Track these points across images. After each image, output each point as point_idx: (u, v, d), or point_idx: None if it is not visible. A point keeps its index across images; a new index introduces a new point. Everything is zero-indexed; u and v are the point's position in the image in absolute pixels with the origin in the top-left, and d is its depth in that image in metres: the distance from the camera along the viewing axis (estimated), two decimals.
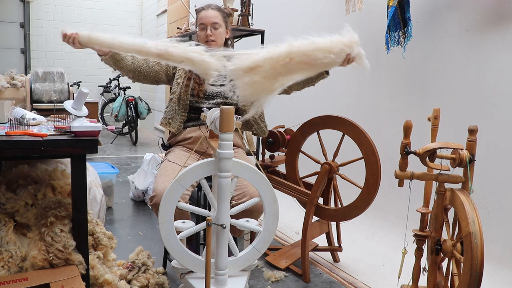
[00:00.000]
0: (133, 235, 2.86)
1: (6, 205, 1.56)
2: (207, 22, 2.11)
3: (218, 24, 2.12)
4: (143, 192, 3.55)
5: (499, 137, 2.08)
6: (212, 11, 2.12)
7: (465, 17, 2.23)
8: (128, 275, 2.00)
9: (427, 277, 1.68)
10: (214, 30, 2.11)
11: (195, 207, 1.58)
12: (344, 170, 2.28)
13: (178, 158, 2.01)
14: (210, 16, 2.11)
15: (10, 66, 5.67)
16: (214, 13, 2.12)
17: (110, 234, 1.89)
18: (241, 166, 1.51)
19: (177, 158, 2.01)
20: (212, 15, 2.11)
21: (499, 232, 2.07)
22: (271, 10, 3.91)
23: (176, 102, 2.10)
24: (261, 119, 2.24)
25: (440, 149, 1.54)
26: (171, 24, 6.58)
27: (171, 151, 2.13)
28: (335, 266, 2.46)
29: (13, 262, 1.45)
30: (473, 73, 2.21)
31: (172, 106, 2.12)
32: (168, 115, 2.13)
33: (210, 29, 2.11)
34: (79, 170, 1.51)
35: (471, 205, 1.45)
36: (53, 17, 7.98)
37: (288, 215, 3.06)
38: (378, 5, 2.62)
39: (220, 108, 1.45)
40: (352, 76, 3.06)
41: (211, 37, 2.11)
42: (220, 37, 2.14)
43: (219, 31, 2.13)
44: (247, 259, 1.62)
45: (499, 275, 2.03)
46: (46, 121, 1.81)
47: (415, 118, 1.84)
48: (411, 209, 1.77)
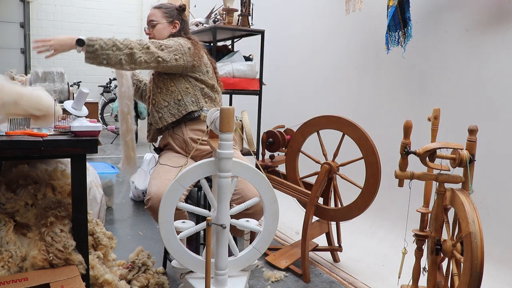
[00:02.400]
0: (133, 235, 2.86)
1: (6, 205, 1.56)
2: (147, 20, 2.20)
3: (154, 21, 2.16)
4: (143, 192, 3.55)
5: (499, 137, 2.08)
6: (152, 11, 2.20)
7: (465, 17, 2.23)
8: (128, 275, 2.00)
9: (427, 277, 1.68)
10: (151, 28, 2.17)
11: (195, 207, 1.58)
12: (344, 170, 2.28)
13: (170, 160, 2.05)
14: (149, 15, 2.20)
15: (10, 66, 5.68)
16: (152, 11, 2.19)
17: (110, 234, 1.88)
18: (241, 166, 1.51)
19: (168, 161, 2.04)
20: (150, 13, 2.20)
21: (499, 232, 2.07)
22: (271, 10, 3.91)
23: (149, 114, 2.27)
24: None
25: (440, 149, 1.54)
26: None
27: (162, 154, 2.19)
28: (335, 266, 2.46)
29: (13, 262, 1.45)
30: (473, 73, 2.21)
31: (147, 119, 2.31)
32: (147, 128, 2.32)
33: (148, 27, 2.19)
34: (79, 170, 1.51)
35: (471, 205, 1.45)
36: (53, 17, 7.97)
37: (288, 215, 3.06)
38: (378, 5, 2.62)
39: (220, 108, 1.45)
40: (352, 76, 3.06)
41: (150, 35, 2.18)
42: (159, 33, 2.16)
43: (157, 27, 2.16)
44: (247, 259, 1.62)
45: (499, 275, 2.03)
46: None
47: (415, 118, 1.84)
48: (411, 209, 1.77)
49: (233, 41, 3.46)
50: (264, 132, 2.52)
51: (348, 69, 3.09)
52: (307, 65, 3.51)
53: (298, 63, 3.63)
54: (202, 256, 1.58)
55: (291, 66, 3.71)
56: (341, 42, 3.13)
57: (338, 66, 3.18)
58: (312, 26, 3.44)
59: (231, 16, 3.00)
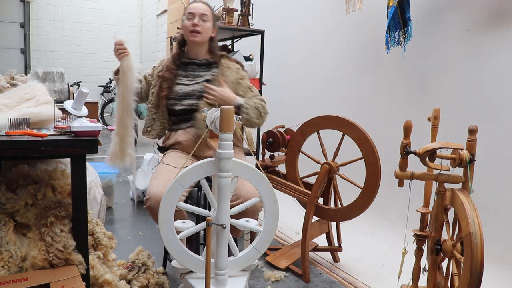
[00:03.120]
0: (133, 235, 2.86)
1: (6, 205, 1.56)
2: (196, 12, 2.06)
3: (207, 17, 2.07)
4: (143, 192, 3.55)
5: (499, 137, 2.08)
6: (202, 5, 2.11)
7: (465, 17, 2.23)
8: (128, 275, 2.00)
9: (427, 277, 1.68)
10: (202, 21, 2.06)
11: (195, 207, 1.58)
12: (344, 170, 2.28)
13: (174, 160, 2.03)
14: (200, 8, 2.08)
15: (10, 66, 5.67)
16: (204, 6, 2.10)
17: (110, 234, 1.88)
18: (241, 166, 1.51)
19: (173, 161, 2.02)
20: (202, 6, 2.09)
21: (499, 232, 2.07)
22: (271, 10, 3.91)
23: (152, 110, 2.16)
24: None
25: (440, 149, 1.54)
26: (171, 24, 6.58)
27: (167, 154, 2.16)
28: (335, 266, 2.46)
29: (13, 262, 1.45)
30: (473, 73, 2.21)
31: (149, 115, 2.18)
32: (146, 124, 2.19)
33: (199, 20, 2.05)
34: (79, 170, 1.51)
35: (471, 205, 1.45)
36: (53, 17, 7.98)
37: (288, 215, 3.06)
38: (378, 5, 2.62)
39: (220, 108, 1.45)
40: (352, 76, 3.06)
41: (197, 28, 2.04)
42: (206, 31, 2.08)
43: (207, 24, 2.07)
44: (247, 259, 1.62)
45: (499, 275, 2.03)
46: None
47: (415, 118, 1.84)
48: (411, 209, 1.77)
49: (233, 41, 3.46)
50: (264, 132, 2.52)
51: (348, 69, 3.09)
52: (307, 65, 3.51)
53: (298, 63, 3.63)
54: (202, 256, 1.58)
55: (291, 66, 3.71)
56: (341, 42, 3.13)
57: (338, 66, 3.17)
58: (312, 26, 3.44)
59: (231, 16, 3.00)
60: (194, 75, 2.13)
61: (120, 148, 1.94)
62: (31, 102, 1.62)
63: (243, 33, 3.17)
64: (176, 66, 2.14)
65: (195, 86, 2.10)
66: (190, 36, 2.07)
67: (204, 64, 2.15)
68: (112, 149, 1.98)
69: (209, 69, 2.15)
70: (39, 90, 1.70)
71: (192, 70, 2.15)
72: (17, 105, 1.60)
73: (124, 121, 1.95)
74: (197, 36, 2.07)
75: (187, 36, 2.10)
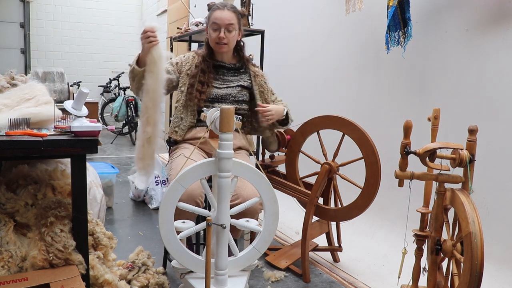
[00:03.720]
0: (133, 235, 2.86)
1: (6, 205, 1.56)
2: (221, 23, 2.00)
3: (232, 26, 2.02)
4: (143, 192, 3.55)
5: (499, 137, 2.08)
6: (228, 12, 2.02)
7: (465, 17, 2.23)
8: (128, 275, 2.00)
9: (427, 277, 1.68)
10: (227, 32, 2.02)
11: (195, 207, 1.58)
12: (344, 170, 2.28)
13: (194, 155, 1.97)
14: (225, 18, 2.00)
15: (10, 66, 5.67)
16: (230, 14, 2.01)
17: (110, 234, 1.88)
18: (241, 166, 1.51)
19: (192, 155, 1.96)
20: (227, 16, 2.00)
21: (499, 232, 2.07)
22: (271, 10, 3.91)
23: (181, 110, 2.10)
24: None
25: (440, 149, 1.54)
26: (171, 24, 6.58)
27: (183, 147, 2.08)
28: (335, 266, 2.46)
29: (13, 262, 1.45)
30: (473, 73, 2.21)
31: (177, 115, 2.11)
32: (174, 124, 2.13)
33: (224, 31, 2.01)
34: (79, 170, 1.51)
35: (471, 205, 1.45)
36: (53, 17, 7.97)
37: (288, 215, 3.06)
38: (378, 5, 2.62)
39: (220, 108, 1.45)
40: (352, 76, 3.06)
41: (224, 40, 2.02)
42: (233, 40, 2.07)
43: (233, 34, 2.04)
44: (247, 259, 1.62)
45: (499, 275, 2.03)
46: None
47: (415, 118, 1.84)
48: (411, 209, 1.77)
49: None
50: None
51: (348, 69, 3.09)
52: (307, 65, 3.51)
53: (298, 63, 3.63)
54: (202, 256, 1.58)
55: (291, 66, 3.71)
56: (341, 42, 3.13)
57: (338, 66, 3.17)
58: (312, 26, 3.44)
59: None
60: (224, 79, 2.14)
61: (149, 154, 1.74)
62: (31, 102, 1.62)
63: (243, 33, 3.16)
64: (209, 69, 2.10)
65: (228, 90, 2.11)
66: (217, 47, 2.07)
67: (233, 69, 2.18)
68: (140, 154, 1.76)
69: (238, 74, 2.18)
70: (39, 90, 1.70)
71: (222, 74, 2.15)
72: (17, 105, 1.60)
73: (154, 119, 1.71)
74: (223, 47, 2.06)
75: (213, 46, 2.09)
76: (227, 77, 2.16)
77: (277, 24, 3.80)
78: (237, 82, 2.15)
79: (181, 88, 2.10)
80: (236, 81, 2.16)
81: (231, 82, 2.15)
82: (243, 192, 1.86)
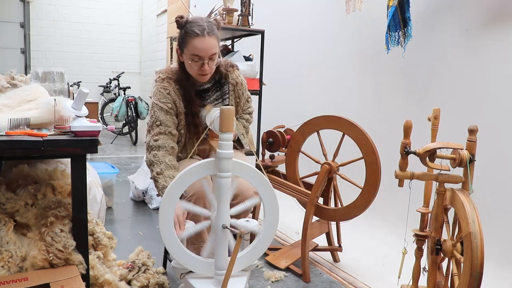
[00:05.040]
0: (133, 235, 2.86)
1: (6, 205, 1.56)
2: (205, 55, 1.75)
3: (215, 55, 1.79)
4: (143, 192, 3.55)
5: (499, 137, 2.08)
6: (209, 40, 1.74)
7: (465, 17, 2.23)
8: (128, 275, 2.00)
9: (427, 277, 1.68)
10: (211, 62, 1.79)
11: (194, 206, 1.58)
12: (344, 170, 2.28)
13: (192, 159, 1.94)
14: (208, 47, 1.75)
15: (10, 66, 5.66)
16: (211, 42, 1.75)
17: (110, 234, 1.88)
18: (241, 166, 1.51)
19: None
20: (210, 45, 1.75)
21: (499, 232, 2.07)
22: (271, 10, 3.91)
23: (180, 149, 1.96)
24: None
25: (440, 149, 1.54)
26: (171, 24, 6.58)
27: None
28: (335, 266, 2.46)
29: (13, 262, 1.45)
30: (473, 73, 2.21)
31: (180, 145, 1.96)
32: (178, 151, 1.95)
33: (208, 62, 1.77)
34: (79, 170, 1.51)
35: (471, 205, 1.45)
36: (53, 17, 7.97)
37: (288, 215, 3.06)
38: (378, 5, 2.62)
39: (220, 108, 1.45)
40: (352, 76, 3.06)
41: (208, 71, 1.81)
42: (215, 65, 1.85)
43: (215, 60, 1.83)
44: (247, 259, 1.62)
45: (499, 275, 2.03)
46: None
47: (415, 118, 1.84)
48: (411, 209, 1.77)
49: (233, 41, 3.46)
50: (264, 132, 2.52)
51: (348, 69, 3.09)
52: (307, 65, 3.51)
53: (298, 63, 3.63)
54: (203, 256, 1.58)
55: (291, 66, 3.71)
56: (341, 42, 3.13)
57: (338, 66, 3.18)
58: (312, 26, 3.44)
59: (231, 16, 3.00)
60: (211, 100, 1.97)
61: None
62: (32, 104, 1.62)
63: (243, 33, 3.16)
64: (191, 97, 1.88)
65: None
66: (199, 77, 1.85)
67: (214, 85, 1.98)
68: None
69: (220, 87, 1.99)
70: (40, 92, 1.70)
71: (208, 97, 1.96)
72: (18, 106, 1.60)
73: None
74: (206, 77, 1.85)
75: (194, 75, 1.85)
76: (213, 97, 1.98)
77: (277, 24, 3.80)
78: (221, 99, 2.00)
79: (182, 131, 1.92)
80: (220, 98, 2.00)
81: (217, 100, 1.99)
82: (242, 188, 1.83)
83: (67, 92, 3.79)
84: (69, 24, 8.09)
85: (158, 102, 1.85)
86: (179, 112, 1.88)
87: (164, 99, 1.85)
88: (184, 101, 1.88)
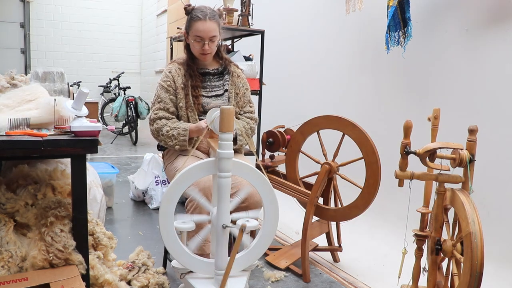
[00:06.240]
0: (133, 235, 2.86)
1: (6, 205, 1.56)
2: (205, 36, 2.00)
3: (215, 37, 2.03)
4: (143, 192, 3.55)
5: (499, 137, 2.08)
6: (210, 24, 2.00)
7: (465, 17, 2.23)
8: (128, 275, 2.00)
9: (427, 277, 1.68)
10: (211, 43, 2.03)
11: (202, 198, 1.58)
12: (344, 170, 2.28)
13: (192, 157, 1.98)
14: (208, 30, 2.00)
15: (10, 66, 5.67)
16: (212, 25, 2.00)
17: (110, 234, 1.88)
18: (241, 166, 1.51)
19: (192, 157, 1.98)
20: (210, 28, 2.00)
21: (499, 232, 2.07)
22: (271, 10, 3.91)
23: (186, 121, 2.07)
24: None
25: (440, 149, 1.54)
26: (171, 24, 6.58)
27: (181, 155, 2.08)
28: (335, 266, 2.46)
29: (13, 262, 1.45)
30: (473, 73, 2.21)
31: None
32: None
33: (208, 43, 2.02)
34: (79, 170, 1.51)
35: (471, 205, 1.45)
36: (53, 17, 7.97)
37: (288, 215, 3.06)
38: (378, 5, 2.62)
39: (220, 108, 1.45)
40: (352, 76, 3.06)
41: (208, 51, 2.05)
42: (215, 47, 2.08)
43: (216, 42, 2.07)
44: (247, 259, 1.61)
45: (499, 275, 2.03)
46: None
47: (415, 118, 1.84)
48: (411, 209, 1.77)
49: (233, 41, 3.46)
50: (264, 132, 2.52)
51: (348, 69, 3.09)
52: (307, 65, 3.51)
53: (298, 63, 3.63)
54: (190, 249, 1.58)
55: (291, 66, 3.71)
56: (341, 42, 3.13)
57: (338, 66, 3.18)
58: (312, 26, 3.44)
59: (231, 16, 3.00)
60: (211, 86, 2.15)
61: None
62: (32, 104, 1.62)
63: (243, 33, 3.17)
64: (194, 73, 2.10)
65: (218, 101, 2.11)
66: (201, 57, 2.09)
67: (217, 74, 2.18)
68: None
69: (221, 78, 2.18)
70: (40, 92, 1.70)
71: (209, 80, 2.15)
72: (18, 106, 1.60)
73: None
74: (207, 57, 2.09)
75: (197, 55, 2.10)
76: (214, 83, 2.15)
77: (277, 24, 3.80)
78: (222, 87, 2.15)
79: (180, 104, 2.06)
80: (221, 86, 2.16)
81: (218, 88, 2.15)
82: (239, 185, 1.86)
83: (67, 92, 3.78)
84: (69, 24, 8.09)
85: (160, 81, 2.11)
86: (177, 87, 2.07)
87: (166, 78, 2.10)
88: (186, 75, 2.09)
